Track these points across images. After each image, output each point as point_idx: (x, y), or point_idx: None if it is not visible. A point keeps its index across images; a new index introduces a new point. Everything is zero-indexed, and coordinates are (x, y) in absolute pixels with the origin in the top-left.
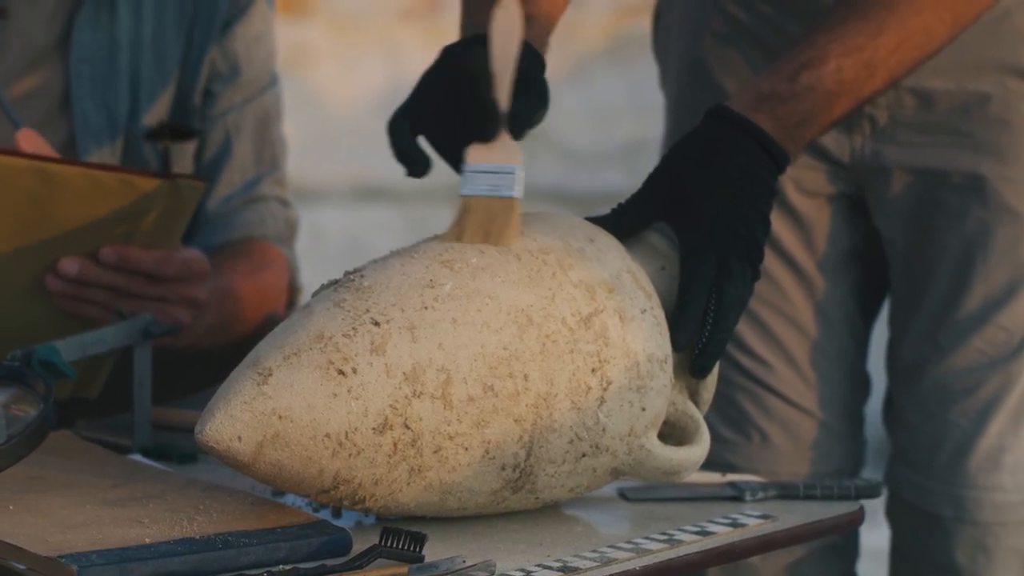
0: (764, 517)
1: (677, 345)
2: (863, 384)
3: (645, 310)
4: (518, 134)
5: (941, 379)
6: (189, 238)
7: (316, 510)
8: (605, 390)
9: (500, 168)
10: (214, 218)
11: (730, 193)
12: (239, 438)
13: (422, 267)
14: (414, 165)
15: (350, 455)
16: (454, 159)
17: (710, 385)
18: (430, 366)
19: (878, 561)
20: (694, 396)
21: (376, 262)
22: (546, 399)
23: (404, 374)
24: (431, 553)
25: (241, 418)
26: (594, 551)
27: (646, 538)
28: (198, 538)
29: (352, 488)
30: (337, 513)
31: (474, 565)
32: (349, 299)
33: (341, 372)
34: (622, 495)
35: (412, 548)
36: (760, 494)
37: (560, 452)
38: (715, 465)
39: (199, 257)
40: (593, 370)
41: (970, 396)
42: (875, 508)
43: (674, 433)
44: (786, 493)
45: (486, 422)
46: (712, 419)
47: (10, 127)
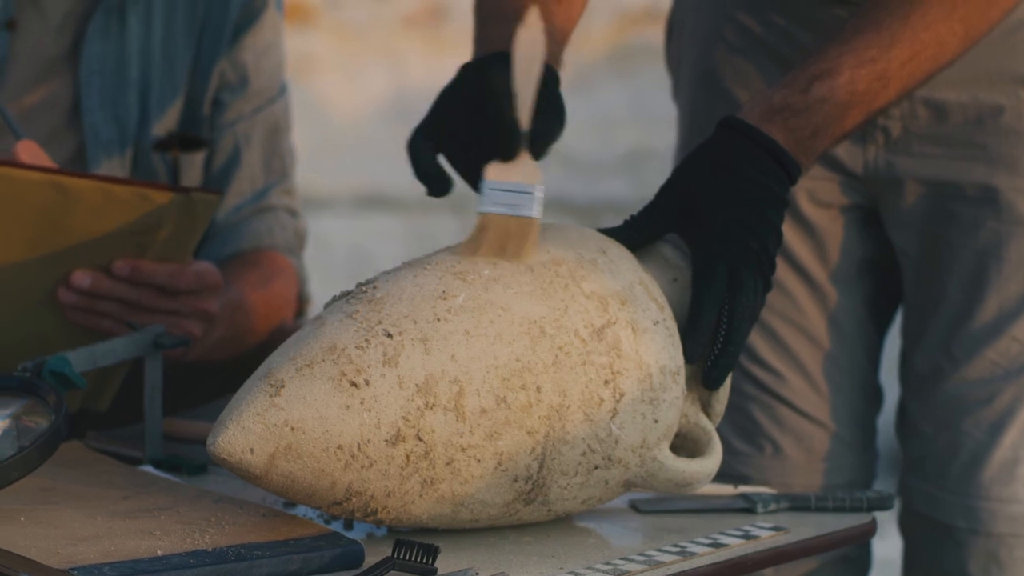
0: (776, 529)
1: (690, 357)
2: (875, 395)
3: (658, 322)
4: (539, 154)
5: (955, 390)
6: (199, 248)
7: (327, 522)
8: (618, 402)
9: (520, 187)
10: (223, 228)
11: (742, 204)
12: (251, 450)
13: (434, 278)
14: (435, 185)
15: (362, 467)
16: (472, 177)
17: (722, 397)
18: (443, 378)
19: (889, 572)
20: (706, 408)
21: (388, 273)
22: (559, 411)
23: (417, 386)
24: (443, 565)
25: (253, 430)
26: (607, 563)
27: (658, 550)
28: (210, 550)
29: (364, 500)
30: (348, 525)
31: None
32: (361, 311)
33: (353, 384)
34: (634, 507)
35: (425, 560)
36: (772, 506)
37: (572, 464)
38: (727, 477)
39: (211, 270)
40: (606, 382)
41: (984, 407)
42: (886, 519)
43: (686, 445)
44: (798, 505)
45: (499, 434)
46: (724, 430)
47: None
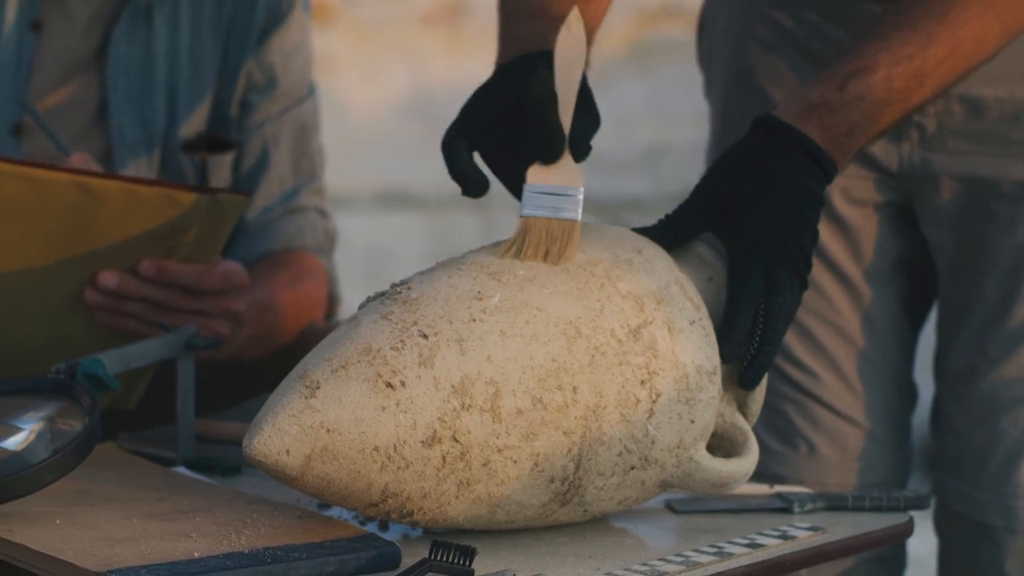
0: (814, 529)
1: (725, 357)
2: (910, 393)
3: (694, 321)
4: (580, 156)
5: (991, 388)
6: (228, 249)
7: (363, 523)
8: (654, 402)
9: (562, 190)
10: (253, 229)
11: (778, 203)
12: (287, 452)
13: (469, 279)
14: (472, 185)
15: (398, 468)
16: (507, 177)
17: (758, 396)
18: (479, 379)
19: (922, 570)
20: (742, 408)
21: (422, 274)
22: (595, 411)
23: (452, 387)
24: (480, 567)
25: (289, 431)
26: (644, 564)
27: (696, 551)
28: (247, 552)
29: (400, 501)
30: (384, 526)
31: None
32: (397, 311)
33: (389, 385)
34: (670, 507)
35: (462, 562)
36: (809, 506)
37: (609, 465)
38: (762, 476)
39: (238, 270)
40: (642, 382)
41: (1021, 405)
42: (919, 516)
43: (722, 445)
44: (835, 505)
45: (535, 435)
46: (759, 430)
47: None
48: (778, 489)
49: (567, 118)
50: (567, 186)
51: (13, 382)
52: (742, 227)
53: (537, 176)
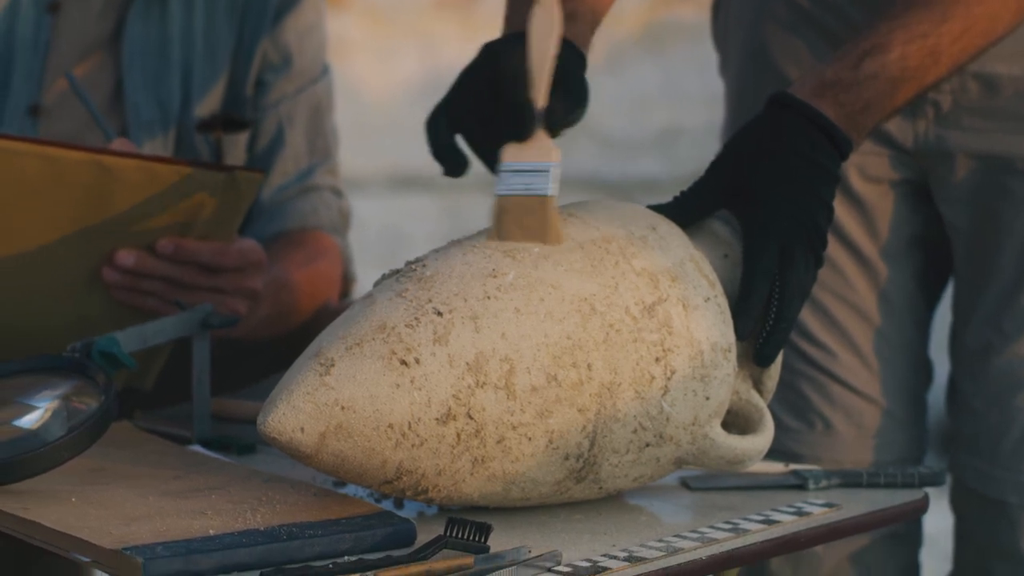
0: (828, 506)
1: (740, 334)
2: (925, 371)
3: (709, 298)
4: (555, 132)
5: (1007, 365)
6: (243, 228)
7: (378, 501)
8: (669, 379)
9: (534, 167)
10: (268, 208)
11: (793, 181)
12: (302, 429)
13: (484, 256)
14: (451, 165)
15: (413, 446)
16: (491, 159)
17: (774, 374)
18: (493, 356)
19: (936, 547)
20: (757, 385)
21: (437, 251)
22: (610, 388)
23: (467, 364)
24: (495, 544)
25: (304, 409)
26: (659, 540)
27: (711, 527)
28: (262, 529)
29: (415, 479)
30: (399, 504)
31: (540, 556)
32: (411, 289)
33: (404, 362)
34: (685, 484)
35: (477, 539)
36: (824, 482)
37: (624, 442)
38: (777, 453)
39: (255, 247)
40: (657, 359)
41: None
42: (934, 494)
43: (738, 422)
44: (850, 481)
45: (550, 412)
46: (775, 407)
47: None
48: (793, 466)
49: (540, 95)
50: (540, 162)
51: (29, 361)
52: (757, 204)
53: (511, 155)
